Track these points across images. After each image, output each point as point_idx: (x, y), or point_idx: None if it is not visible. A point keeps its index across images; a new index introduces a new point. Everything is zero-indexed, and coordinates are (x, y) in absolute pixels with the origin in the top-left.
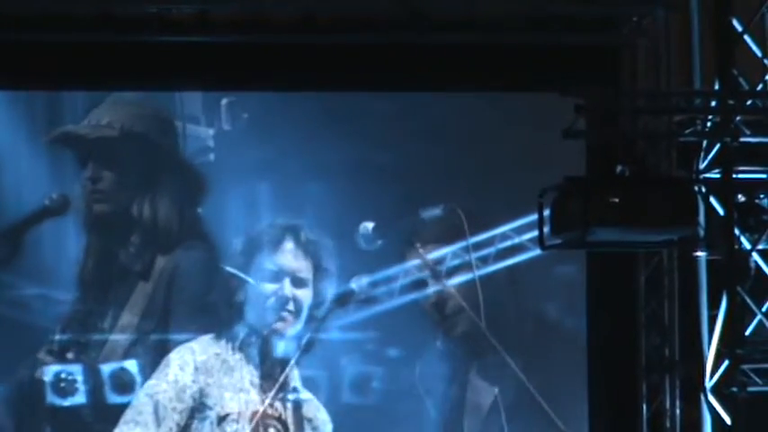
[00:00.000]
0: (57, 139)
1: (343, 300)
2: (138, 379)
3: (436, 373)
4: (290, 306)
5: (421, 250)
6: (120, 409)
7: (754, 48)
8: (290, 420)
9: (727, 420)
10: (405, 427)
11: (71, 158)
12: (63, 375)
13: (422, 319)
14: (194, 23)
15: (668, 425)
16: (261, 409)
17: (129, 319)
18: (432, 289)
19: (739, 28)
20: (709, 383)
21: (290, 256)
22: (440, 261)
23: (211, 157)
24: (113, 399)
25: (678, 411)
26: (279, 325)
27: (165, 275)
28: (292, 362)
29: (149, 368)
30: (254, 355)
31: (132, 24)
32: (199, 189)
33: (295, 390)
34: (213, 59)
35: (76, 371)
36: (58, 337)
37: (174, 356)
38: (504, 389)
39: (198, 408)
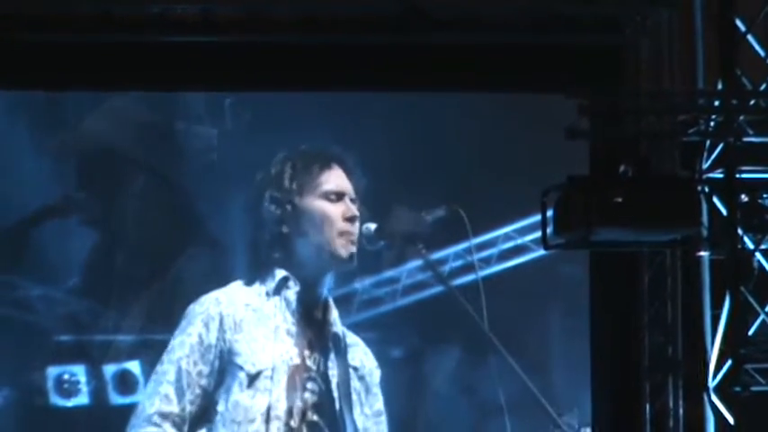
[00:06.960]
0: (55, 146)
1: (346, 301)
2: (141, 380)
3: (439, 374)
4: (355, 230)
5: (423, 251)
6: (124, 410)
7: (758, 47)
8: (331, 373)
9: (730, 420)
10: (408, 429)
11: (74, 160)
12: (66, 376)
13: (424, 320)
14: (197, 23)
15: (671, 424)
16: (299, 362)
17: (132, 322)
18: (434, 290)
19: (743, 28)
20: (712, 383)
21: (340, 178)
22: (442, 262)
23: (215, 156)
24: (116, 400)
25: (681, 411)
26: (347, 249)
27: (168, 280)
28: (331, 303)
29: (152, 370)
30: (292, 300)
31: (134, 24)
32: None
33: (337, 336)
34: (216, 59)
35: (80, 372)
36: (61, 337)
37: (198, 310)
38: (506, 389)
39: (226, 369)
